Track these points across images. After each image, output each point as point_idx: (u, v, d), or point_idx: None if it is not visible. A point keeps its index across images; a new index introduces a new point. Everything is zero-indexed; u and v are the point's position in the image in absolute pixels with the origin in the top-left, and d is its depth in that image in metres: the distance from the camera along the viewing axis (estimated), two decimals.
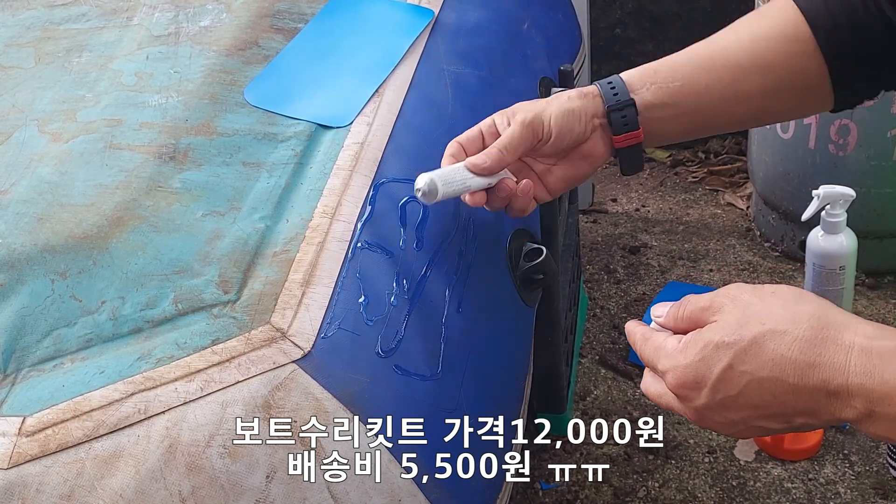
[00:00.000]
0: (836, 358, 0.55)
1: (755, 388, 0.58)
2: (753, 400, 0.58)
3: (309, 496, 0.72)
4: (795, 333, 0.57)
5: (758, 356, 0.57)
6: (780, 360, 0.57)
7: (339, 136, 1.00)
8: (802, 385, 0.56)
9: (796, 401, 0.57)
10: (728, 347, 0.58)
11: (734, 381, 0.58)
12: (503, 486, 0.89)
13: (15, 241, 0.86)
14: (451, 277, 0.90)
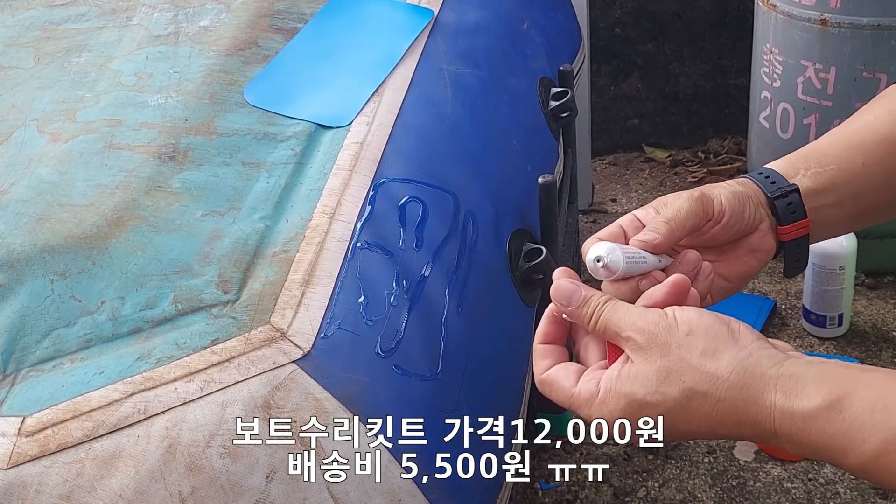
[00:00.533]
0: (760, 418, 0.56)
1: (683, 433, 0.59)
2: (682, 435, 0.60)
3: (309, 496, 0.72)
4: (717, 395, 0.57)
5: (685, 415, 0.58)
6: (707, 420, 0.57)
7: (339, 135, 1.00)
8: (733, 434, 0.58)
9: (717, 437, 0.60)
10: (653, 408, 0.58)
11: (662, 432, 0.59)
12: (503, 486, 0.89)
13: (14, 241, 0.86)
14: (451, 277, 0.90)
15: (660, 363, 0.58)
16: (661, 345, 0.58)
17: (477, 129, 1.11)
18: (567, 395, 0.62)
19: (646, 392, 0.58)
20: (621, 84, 2.66)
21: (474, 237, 0.96)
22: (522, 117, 1.23)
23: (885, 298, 1.95)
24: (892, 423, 0.52)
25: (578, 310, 0.63)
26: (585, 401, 0.61)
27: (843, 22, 1.74)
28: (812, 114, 1.86)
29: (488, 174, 1.06)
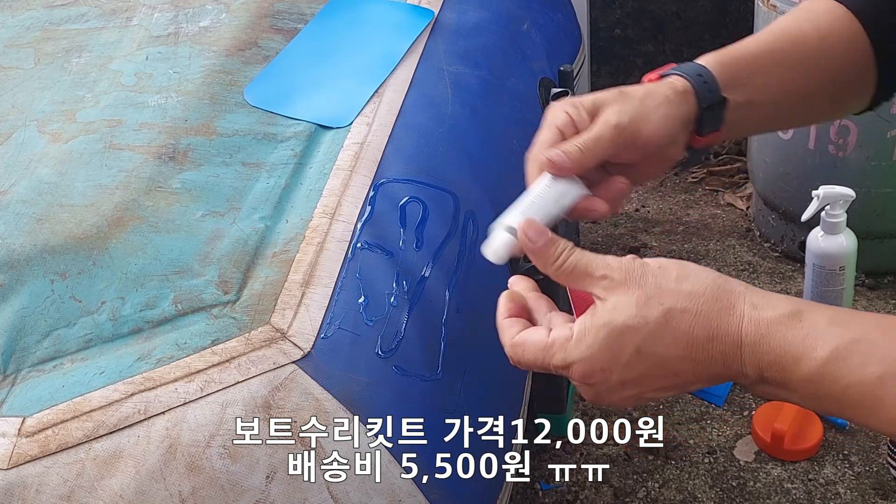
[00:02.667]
0: (730, 328, 0.58)
1: (659, 366, 0.59)
2: (655, 378, 0.59)
3: (309, 496, 0.72)
4: (695, 309, 0.58)
5: (664, 337, 0.58)
6: (684, 339, 0.58)
7: (339, 136, 1.00)
8: (704, 358, 0.58)
9: (696, 372, 0.59)
10: (634, 332, 0.58)
11: (641, 363, 0.59)
12: (503, 486, 0.89)
13: (14, 241, 0.86)
14: (451, 277, 0.90)
15: (638, 292, 0.59)
16: (638, 277, 0.59)
17: (477, 129, 1.11)
18: (540, 346, 0.62)
19: (626, 317, 0.58)
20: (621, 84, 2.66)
21: (474, 237, 0.96)
22: (522, 117, 1.23)
23: (885, 298, 1.95)
24: (844, 335, 0.55)
25: (546, 249, 0.63)
26: (561, 345, 0.60)
27: None
28: None
29: (488, 174, 1.06)
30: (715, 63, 0.78)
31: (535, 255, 0.65)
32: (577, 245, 0.66)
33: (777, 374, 0.57)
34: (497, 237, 0.66)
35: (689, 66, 0.78)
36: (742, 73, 0.79)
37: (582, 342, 0.60)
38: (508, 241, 0.66)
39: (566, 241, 0.64)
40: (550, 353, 0.61)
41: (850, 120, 1.81)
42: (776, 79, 0.80)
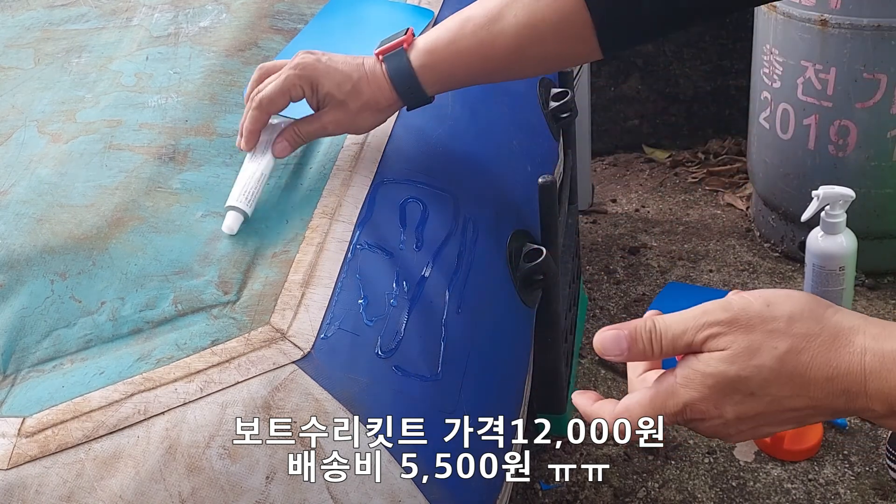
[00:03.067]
0: (851, 366, 0.55)
1: (776, 404, 0.56)
2: (772, 414, 0.57)
3: (309, 497, 0.72)
4: (812, 351, 0.55)
5: (779, 380, 0.56)
6: (801, 380, 0.55)
7: (339, 136, 1.00)
8: (823, 396, 0.56)
9: (816, 408, 0.56)
10: (747, 381, 0.56)
11: (756, 403, 0.56)
12: (503, 487, 0.89)
13: (14, 241, 0.86)
14: (451, 277, 0.90)
15: (748, 338, 0.56)
16: (745, 322, 0.56)
17: (477, 129, 1.11)
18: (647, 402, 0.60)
19: (738, 368, 0.56)
20: (621, 85, 2.66)
21: (474, 238, 0.96)
22: (522, 118, 1.23)
23: (885, 299, 1.95)
24: None
25: (635, 348, 0.60)
26: (667, 391, 0.58)
27: (843, 23, 1.74)
28: (812, 114, 1.86)
29: (488, 175, 1.06)
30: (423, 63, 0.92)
31: (632, 359, 0.63)
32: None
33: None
34: (228, 216, 0.86)
35: (403, 76, 0.92)
36: (443, 71, 0.93)
37: (690, 385, 0.57)
38: (237, 217, 0.86)
39: (641, 323, 0.60)
40: (659, 402, 0.59)
41: (849, 120, 1.81)
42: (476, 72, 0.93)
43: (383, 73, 0.92)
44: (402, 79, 0.92)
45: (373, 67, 0.93)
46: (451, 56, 0.92)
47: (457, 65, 0.92)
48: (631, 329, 0.59)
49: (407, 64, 0.91)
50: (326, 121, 0.92)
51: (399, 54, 0.92)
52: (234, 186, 0.89)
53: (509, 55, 0.91)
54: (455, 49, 0.91)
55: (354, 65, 0.92)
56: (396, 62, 0.92)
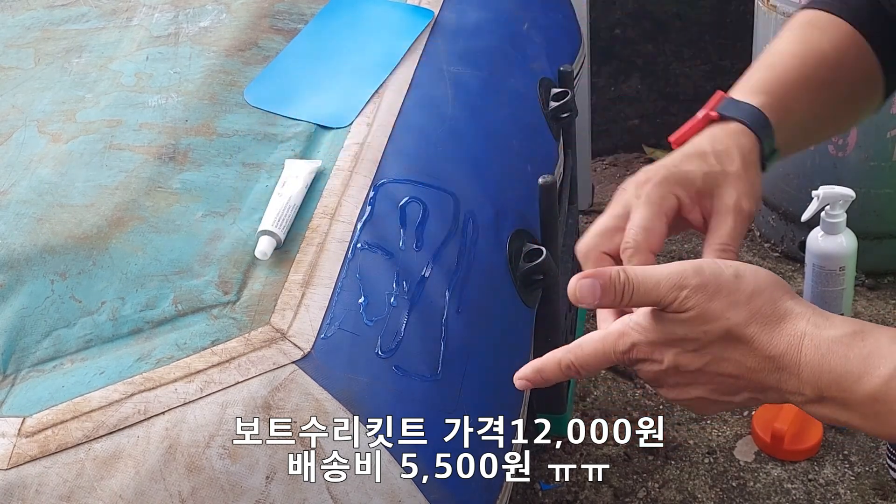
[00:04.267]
0: (790, 348, 0.57)
1: (715, 363, 0.58)
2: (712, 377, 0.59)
3: (309, 496, 0.72)
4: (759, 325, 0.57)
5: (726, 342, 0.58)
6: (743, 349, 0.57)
7: (339, 136, 1.00)
8: (758, 369, 0.58)
9: (751, 379, 0.58)
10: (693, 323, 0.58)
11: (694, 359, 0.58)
12: (503, 486, 0.89)
13: (14, 241, 0.86)
14: (451, 277, 0.90)
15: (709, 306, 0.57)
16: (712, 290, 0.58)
17: (477, 129, 1.11)
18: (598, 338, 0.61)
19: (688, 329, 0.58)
20: (621, 85, 2.66)
21: (474, 238, 0.96)
22: (522, 118, 1.23)
23: (885, 299, 1.95)
24: None
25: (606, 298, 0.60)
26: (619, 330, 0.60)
27: None
28: None
29: (488, 175, 1.06)
30: (767, 105, 0.75)
31: (603, 307, 0.64)
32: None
33: (837, 394, 0.56)
34: (261, 241, 0.84)
35: (752, 115, 0.74)
36: (787, 108, 0.76)
37: (641, 331, 0.59)
38: (270, 241, 0.84)
39: (615, 270, 0.60)
40: (610, 340, 0.60)
41: None
42: (808, 105, 0.78)
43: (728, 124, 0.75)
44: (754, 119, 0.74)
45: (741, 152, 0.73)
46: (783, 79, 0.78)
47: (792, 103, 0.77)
48: (605, 280, 0.60)
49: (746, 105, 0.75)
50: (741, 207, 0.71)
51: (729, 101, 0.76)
52: (268, 211, 0.87)
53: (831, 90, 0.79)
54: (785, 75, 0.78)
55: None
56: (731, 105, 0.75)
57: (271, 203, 0.89)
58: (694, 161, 0.71)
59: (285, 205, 0.88)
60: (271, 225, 0.85)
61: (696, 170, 0.71)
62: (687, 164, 0.71)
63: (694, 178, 0.70)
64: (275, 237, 0.85)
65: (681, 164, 0.71)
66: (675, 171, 0.70)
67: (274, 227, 0.85)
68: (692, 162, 0.71)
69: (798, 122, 0.78)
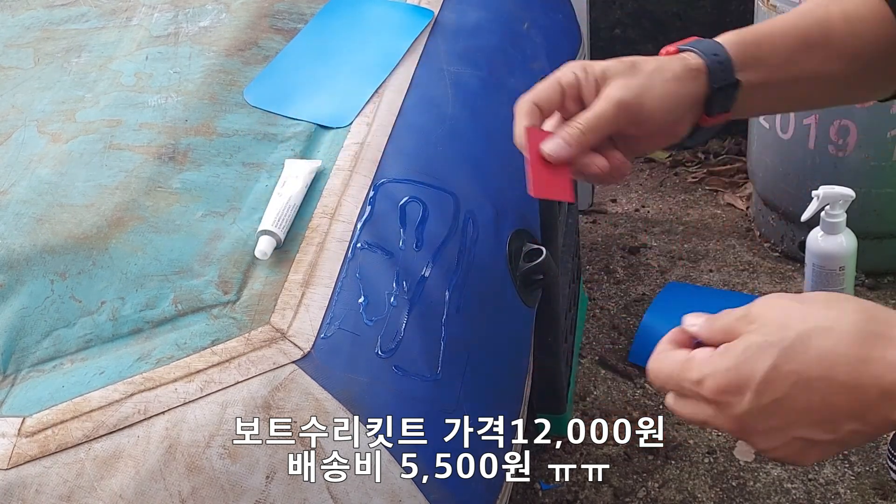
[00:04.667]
0: (888, 353, 0.52)
1: (802, 388, 0.54)
2: (800, 403, 0.54)
3: (309, 496, 0.72)
4: (842, 328, 0.53)
5: (804, 353, 0.54)
6: (829, 356, 0.53)
7: (339, 136, 1.00)
8: (853, 382, 0.53)
9: (846, 401, 0.53)
10: (772, 346, 0.54)
11: (780, 381, 0.54)
12: (503, 486, 0.89)
13: (14, 241, 0.86)
14: (451, 277, 0.90)
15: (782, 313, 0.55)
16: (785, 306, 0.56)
17: (477, 129, 1.11)
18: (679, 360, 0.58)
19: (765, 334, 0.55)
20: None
21: (474, 237, 0.96)
22: None
23: (885, 299, 1.95)
24: None
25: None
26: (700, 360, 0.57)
27: None
28: (812, 114, 1.86)
29: (488, 174, 1.06)
30: (734, 42, 0.76)
31: None
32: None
33: None
34: (261, 241, 0.84)
35: (707, 44, 0.75)
36: (761, 52, 0.77)
37: (723, 356, 0.56)
38: (270, 241, 0.84)
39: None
40: (689, 366, 0.58)
41: (849, 120, 1.81)
42: (794, 59, 0.78)
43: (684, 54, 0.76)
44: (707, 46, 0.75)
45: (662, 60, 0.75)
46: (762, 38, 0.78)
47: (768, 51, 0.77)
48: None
49: (713, 42, 0.76)
50: (612, 95, 0.72)
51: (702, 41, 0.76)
52: (268, 211, 0.87)
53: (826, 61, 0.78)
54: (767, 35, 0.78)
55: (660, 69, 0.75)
56: (700, 43, 0.76)
57: (271, 203, 0.89)
58: (617, 62, 0.74)
59: (285, 204, 0.88)
60: (271, 225, 0.85)
61: (608, 63, 0.74)
62: (609, 62, 0.74)
63: (600, 67, 0.74)
64: (275, 237, 0.85)
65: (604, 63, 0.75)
66: (593, 63, 0.74)
67: (274, 226, 0.85)
68: (614, 62, 0.74)
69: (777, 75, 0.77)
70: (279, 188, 0.90)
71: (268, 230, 0.85)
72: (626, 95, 0.72)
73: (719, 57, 0.74)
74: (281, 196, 0.89)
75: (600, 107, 0.72)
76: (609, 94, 0.72)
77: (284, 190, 0.90)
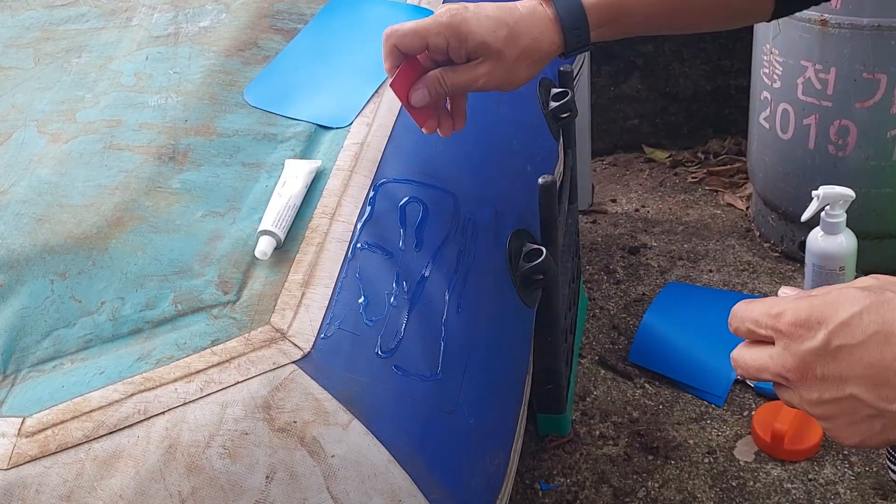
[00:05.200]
0: None
1: (878, 341, 0.53)
2: (869, 356, 0.54)
3: (309, 496, 0.72)
4: None
5: (892, 311, 0.54)
6: None
7: (339, 136, 1.00)
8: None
9: None
10: (863, 297, 0.55)
11: (859, 328, 0.54)
12: (503, 486, 0.89)
13: (14, 241, 0.86)
14: (451, 277, 0.90)
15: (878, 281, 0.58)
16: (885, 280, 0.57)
17: (477, 129, 1.11)
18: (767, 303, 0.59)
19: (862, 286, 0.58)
20: (621, 84, 2.66)
21: (474, 237, 0.96)
22: (522, 118, 1.23)
23: None
24: None
25: None
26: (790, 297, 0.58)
27: (842, 23, 1.74)
28: (812, 114, 1.86)
29: (488, 175, 1.06)
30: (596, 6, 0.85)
31: None
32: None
33: None
34: (261, 241, 0.84)
35: (573, 15, 0.85)
36: (618, 19, 0.85)
37: (807, 297, 0.57)
38: (270, 241, 0.84)
39: None
40: (773, 302, 0.58)
41: (849, 120, 1.81)
42: (655, 24, 0.87)
43: (549, 14, 0.84)
44: (573, 18, 0.84)
45: (533, 9, 0.84)
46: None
47: (631, 8, 0.85)
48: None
49: (578, 1, 0.84)
50: (479, 73, 0.83)
51: None
52: (268, 211, 0.88)
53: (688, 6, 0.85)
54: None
55: (507, 8, 0.83)
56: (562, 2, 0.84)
57: (271, 203, 0.89)
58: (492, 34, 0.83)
59: (285, 205, 0.88)
60: (271, 225, 0.86)
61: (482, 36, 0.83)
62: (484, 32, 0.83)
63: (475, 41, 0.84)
64: (275, 237, 0.85)
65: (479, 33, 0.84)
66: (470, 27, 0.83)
67: (274, 226, 0.85)
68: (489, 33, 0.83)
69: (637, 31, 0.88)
70: (279, 188, 0.90)
71: (268, 230, 0.85)
72: (492, 83, 0.84)
73: (576, 23, 0.85)
74: (281, 196, 0.89)
75: (467, 79, 0.84)
76: (478, 74, 0.84)
77: (284, 190, 0.90)
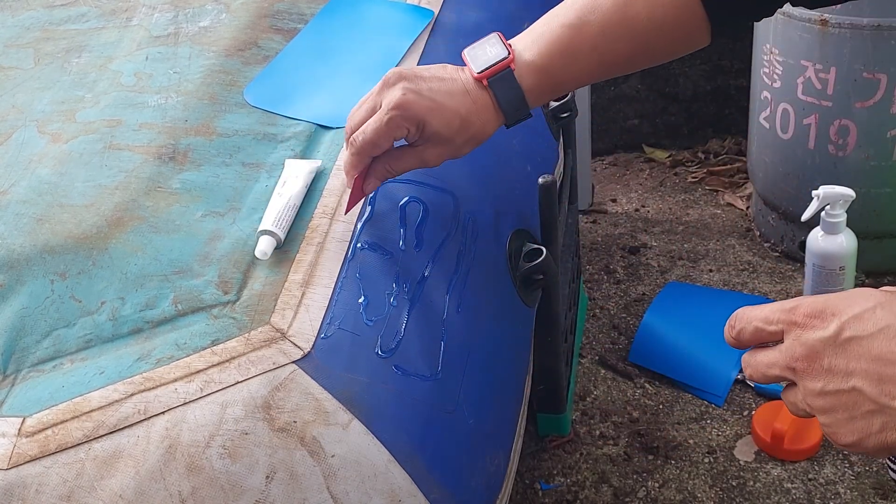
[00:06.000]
0: None
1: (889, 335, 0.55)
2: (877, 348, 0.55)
3: (309, 496, 0.72)
4: None
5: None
6: None
7: (339, 136, 1.00)
8: None
9: None
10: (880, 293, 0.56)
11: (870, 321, 0.55)
12: (503, 486, 0.89)
13: (14, 241, 0.86)
14: (451, 277, 0.90)
15: None
16: None
17: None
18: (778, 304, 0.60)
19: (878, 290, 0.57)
20: (621, 84, 2.66)
21: (474, 237, 0.96)
22: None
23: None
24: None
25: None
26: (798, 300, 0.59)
27: (842, 22, 1.74)
28: (812, 114, 1.86)
29: (488, 174, 1.06)
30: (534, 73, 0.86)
31: None
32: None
33: None
34: (261, 241, 0.84)
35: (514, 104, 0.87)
36: (556, 83, 0.88)
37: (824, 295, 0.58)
38: (270, 241, 0.85)
39: None
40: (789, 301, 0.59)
41: (849, 119, 1.81)
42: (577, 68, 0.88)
43: (493, 103, 0.87)
44: (514, 107, 0.87)
45: (479, 96, 0.86)
46: (564, 70, 0.87)
47: (568, 79, 0.88)
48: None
49: (518, 90, 0.86)
50: (428, 156, 0.87)
51: (507, 78, 0.86)
52: (268, 211, 0.88)
53: (632, 58, 0.87)
54: (570, 63, 0.87)
55: (459, 96, 0.85)
56: (506, 90, 0.86)
57: (271, 203, 0.89)
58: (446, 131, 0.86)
59: (285, 204, 0.88)
60: (271, 225, 0.85)
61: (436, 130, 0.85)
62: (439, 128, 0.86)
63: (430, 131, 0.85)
64: (275, 237, 0.85)
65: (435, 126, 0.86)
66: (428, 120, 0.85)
67: (274, 226, 0.85)
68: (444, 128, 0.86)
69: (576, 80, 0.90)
70: (279, 188, 0.90)
71: (268, 230, 0.85)
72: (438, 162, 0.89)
73: (514, 104, 0.87)
74: (281, 196, 0.89)
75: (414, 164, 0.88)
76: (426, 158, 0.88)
77: (284, 190, 0.90)
